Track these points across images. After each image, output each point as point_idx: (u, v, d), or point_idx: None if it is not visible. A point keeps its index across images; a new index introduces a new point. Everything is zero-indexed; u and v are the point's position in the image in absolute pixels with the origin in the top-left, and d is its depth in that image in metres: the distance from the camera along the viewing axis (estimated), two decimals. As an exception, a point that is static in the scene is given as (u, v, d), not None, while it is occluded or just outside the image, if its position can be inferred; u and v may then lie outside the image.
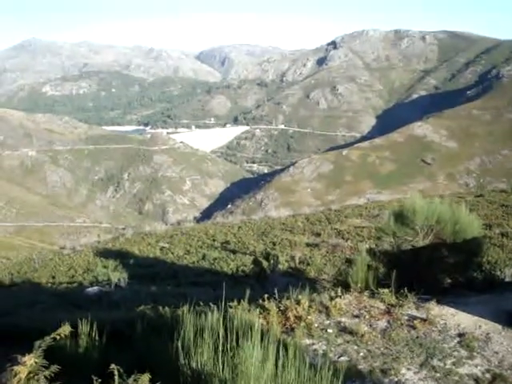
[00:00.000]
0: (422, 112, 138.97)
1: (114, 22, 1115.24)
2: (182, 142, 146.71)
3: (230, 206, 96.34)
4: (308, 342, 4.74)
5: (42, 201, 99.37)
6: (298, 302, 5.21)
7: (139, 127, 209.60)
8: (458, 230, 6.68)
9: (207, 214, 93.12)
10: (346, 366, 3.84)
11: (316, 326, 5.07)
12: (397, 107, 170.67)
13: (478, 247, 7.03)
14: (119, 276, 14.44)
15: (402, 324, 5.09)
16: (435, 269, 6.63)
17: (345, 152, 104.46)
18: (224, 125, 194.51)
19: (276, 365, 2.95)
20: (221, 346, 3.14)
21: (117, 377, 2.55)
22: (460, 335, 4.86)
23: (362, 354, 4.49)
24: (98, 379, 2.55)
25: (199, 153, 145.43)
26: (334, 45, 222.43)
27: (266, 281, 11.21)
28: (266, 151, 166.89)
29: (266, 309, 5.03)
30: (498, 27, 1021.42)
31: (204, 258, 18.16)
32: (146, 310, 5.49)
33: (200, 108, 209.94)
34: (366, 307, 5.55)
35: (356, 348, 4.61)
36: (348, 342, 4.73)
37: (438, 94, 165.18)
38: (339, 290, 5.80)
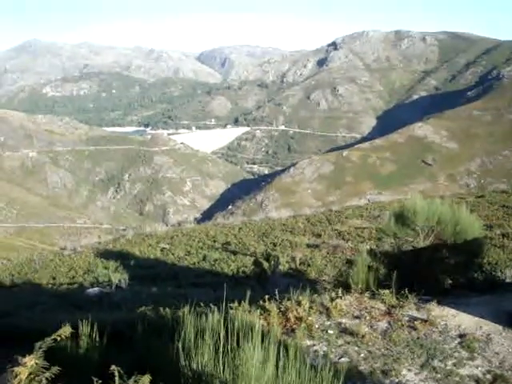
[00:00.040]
0: (422, 113, 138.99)
1: (114, 23, 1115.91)
2: (182, 143, 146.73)
3: (230, 206, 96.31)
4: (309, 343, 4.74)
5: (42, 202, 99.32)
6: (299, 303, 5.21)
7: (140, 128, 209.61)
8: (458, 230, 6.68)
9: (208, 214, 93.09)
10: (346, 367, 3.84)
11: (317, 327, 5.07)
12: (397, 108, 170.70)
13: (479, 248, 7.03)
14: (120, 277, 14.46)
15: (402, 325, 5.09)
16: (436, 270, 6.62)
17: (345, 153, 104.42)
18: (224, 126, 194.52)
19: (277, 366, 2.95)
20: (221, 347, 3.14)
21: (117, 378, 2.54)
22: (461, 336, 4.86)
23: (362, 354, 4.50)
24: (98, 380, 2.54)
25: (200, 154, 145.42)
26: (334, 46, 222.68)
27: (266, 282, 11.19)
28: (267, 152, 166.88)
29: (267, 310, 5.03)
30: (498, 28, 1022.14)
31: (205, 258, 18.18)
32: (147, 311, 5.49)
33: (200, 109, 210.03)
34: (366, 308, 5.55)
35: (357, 349, 4.61)
36: (349, 343, 4.73)
37: (438, 95, 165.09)
38: (340, 291, 5.80)
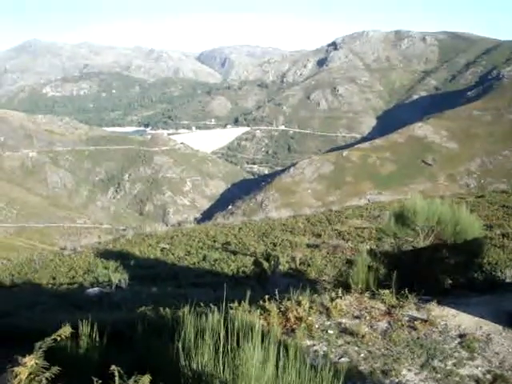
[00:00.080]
0: (422, 113, 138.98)
1: (114, 23, 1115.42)
2: (182, 143, 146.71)
3: (230, 206, 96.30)
4: (309, 343, 4.74)
5: (42, 202, 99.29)
6: (299, 303, 5.21)
7: (140, 128, 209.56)
8: (458, 230, 6.68)
9: (208, 214, 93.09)
10: (346, 367, 3.84)
11: (317, 327, 5.07)
12: (397, 108, 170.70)
13: (479, 248, 7.03)
14: (120, 277, 14.46)
15: (402, 325, 5.09)
16: (436, 270, 6.62)
17: (345, 153, 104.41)
18: (224, 126, 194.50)
19: (277, 366, 2.95)
20: (221, 347, 3.14)
21: (117, 378, 2.54)
22: (461, 336, 4.86)
23: (362, 354, 4.49)
24: (98, 380, 2.54)
25: (200, 154, 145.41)
26: (334, 46, 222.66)
27: (266, 282, 11.19)
28: (267, 152, 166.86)
29: (267, 310, 5.03)
30: (498, 28, 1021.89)
31: (204, 258, 18.18)
32: (147, 311, 5.49)
33: (200, 109, 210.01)
34: (366, 308, 5.54)
35: (357, 349, 4.61)
36: (349, 343, 4.73)
37: (438, 95, 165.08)
38: (340, 291, 5.80)
